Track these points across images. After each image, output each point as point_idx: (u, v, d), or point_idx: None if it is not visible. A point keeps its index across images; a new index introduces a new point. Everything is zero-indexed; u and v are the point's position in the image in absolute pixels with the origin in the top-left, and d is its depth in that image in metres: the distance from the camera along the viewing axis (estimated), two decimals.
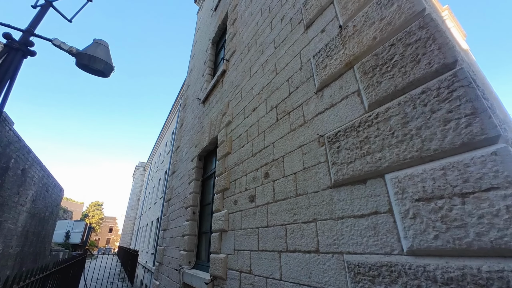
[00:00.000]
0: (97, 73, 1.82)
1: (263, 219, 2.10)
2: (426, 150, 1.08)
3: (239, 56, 3.81)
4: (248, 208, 2.37)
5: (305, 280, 1.53)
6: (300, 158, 1.85)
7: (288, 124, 2.11)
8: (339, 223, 1.40)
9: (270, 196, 2.09)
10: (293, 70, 2.27)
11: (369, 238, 1.22)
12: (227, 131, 3.42)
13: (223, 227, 2.71)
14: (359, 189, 1.34)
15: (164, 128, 20.67)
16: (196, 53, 8.01)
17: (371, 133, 1.34)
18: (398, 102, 1.25)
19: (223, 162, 3.23)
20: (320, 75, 1.85)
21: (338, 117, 1.61)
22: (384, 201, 1.20)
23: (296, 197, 1.79)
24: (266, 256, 1.94)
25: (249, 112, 2.91)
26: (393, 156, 1.20)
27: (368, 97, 1.42)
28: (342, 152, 1.47)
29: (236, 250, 2.40)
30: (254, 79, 3.02)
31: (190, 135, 5.65)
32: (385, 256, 1.13)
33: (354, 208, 1.34)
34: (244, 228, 2.36)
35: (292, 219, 1.76)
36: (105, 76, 1.86)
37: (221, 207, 2.96)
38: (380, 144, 1.27)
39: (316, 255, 1.50)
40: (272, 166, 2.17)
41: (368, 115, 1.39)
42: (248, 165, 2.60)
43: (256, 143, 2.54)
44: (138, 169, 33.52)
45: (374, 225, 1.21)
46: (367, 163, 1.31)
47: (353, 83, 1.58)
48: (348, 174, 1.39)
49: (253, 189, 2.37)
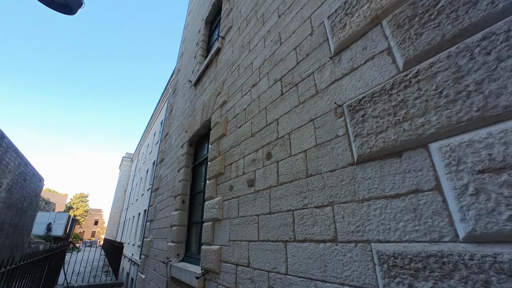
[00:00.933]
0: (61, 9, 1.44)
1: (264, 205, 1.84)
2: (491, 108, 0.83)
3: (236, 31, 3.47)
4: (246, 193, 2.10)
5: (318, 274, 1.28)
6: (312, 134, 1.58)
7: (295, 97, 1.84)
8: (364, 206, 1.15)
9: (273, 179, 1.83)
10: (301, 37, 1.98)
11: (407, 223, 0.98)
12: (222, 111, 3.11)
13: (217, 216, 2.43)
14: (391, 164, 1.09)
15: (152, 118, 19.99)
16: (188, 35, 7.55)
17: (409, 95, 1.08)
18: (448, 54, 1.00)
19: (217, 145, 2.93)
20: (337, 36, 1.58)
21: (362, 82, 1.35)
22: (428, 176, 0.96)
23: (306, 178, 1.53)
24: (268, 247, 1.69)
25: (247, 89, 2.61)
26: (442, 119, 0.95)
27: (403, 54, 1.16)
28: (368, 121, 1.22)
29: (232, 241, 2.14)
30: (254, 53, 2.71)
31: (180, 120, 5.29)
32: (431, 244, 0.89)
33: (386, 187, 1.09)
34: (241, 216, 2.09)
35: (302, 203, 1.51)
36: (71, 13, 1.50)
37: (215, 194, 2.67)
38: (422, 107, 1.02)
39: (333, 244, 1.25)
40: (276, 145, 1.89)
41: (404, 74, 1.13)
42: (246, 146, 2.31)
43: (256, 122, 2.26)
44: (125, 160, 32.55)
45: (415, 206, 0.97)
46: (403, 131, 1.06)
47: (381, 40, 1.31)
48: (378, 146, 1.14)
49: (252, 172, 2.10)
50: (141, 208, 15.34)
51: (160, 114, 17.54)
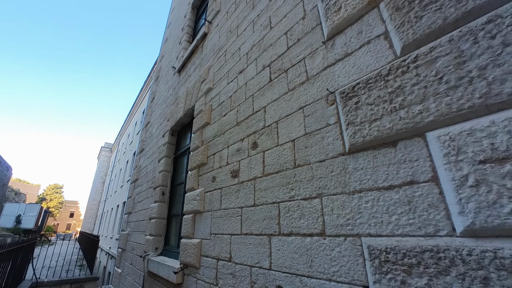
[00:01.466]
0: None
1: (248, 197, 1.74)
2: (495, 95, 0.78)
3: (224, 16, 3.29)
4: (230, 185, 1.99)
5: (304, 269, 1.21)
6: (301, 122, 1.49)
7: (285, 84, 1.73)
8: (355, 198, 1.08)
9: (258, 169, 1.73)
10: (293, 21, 1.87)
11: (401, 216, 0.92)
12: (206, 99, 2.95)
13: (198, 208, 2.31)
14: (386, 153, 1.03)
15: (134, 107, 19.16)
16: (173, 20, 7.18)
17: (406, 81, 1.01)
18: (449, 39, 0.93)
19: (200, 134, 2.78)
20: (331, 20, 1.49)
21: (356, 67, 1.27)
22: (424, 167, 0.90)
23: (294, 169, 1.44)
24: (251, 240, 1.60)
25: (234, 76, 2.47)
26: (442, 107, 0.88)
27: (402, 38, 1.08)
28: (362, 108, 1.14)
29: (213, 235, 2.03)
30: (242, 38, 2.56)
31: (163, 108, 5.03)
32: (426, 238, 0.83)
33: (379, 178, 1.02)
34: (223, 209, 1.99)
35: (288, 195, 1.42)
36: None
37: (196, 185, 2.54)
38: (420, 94, 0.96)
39: (321, 238, 1.18)
40: (263, 134, 1.79)
41: (401, 59, 1.06)
42: (231, 135, 2.19)
43: (242, 110, 2.14)
44: (104, 151, 31.14)
45: (409, 199, 0.91)
46: (400, 119, 0.99)
47: (378, 24, 1.24)
48: (371, 135, 1.07)
49: (237, 162, 1.99)
50: (120, 200, 14.79)
51: (142, 103, 16.83)
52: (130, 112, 20.20)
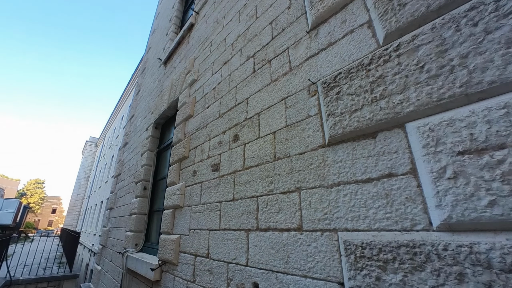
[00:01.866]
0: None
1: (228, 191, 1.68)
2: (476, 84, 0.75)
3: (212, 6, 3.18)
4: (210, 179, 1.92)
5: (280, 266, 1.16)
6: (282, 114, 1.44)
7: (268, 74, 1.67)
8: (333, 192, 1.04)
9: (239, 162, 1.66)
10: (279, 10, 1.80)
11: (378, 210, 0.88)
12: (190, 91, 2.85)
13: (178, 203, 2.22)
14: (365, 145, 0.99)
15: (121, 100, 18.61)
16: (162, 11, 6.96)
17: (388, 70, 0.97)
18: (432, 26, 0.90)
19: (183, 127, 2.69)
20: (315, 8, 1.43)
21: (338, 57, 1.22)
22: (403, 159, 0.86)
23: (273, 162, 1.39)
24: (229, 236, 1.54)
25: (218, 67, 2.38)
26: (422, 96, 0.85)
27: (385, 26, 1.04)
28: (343, 98, 1.10)
29: (192, 230, 1.96)
30: (228, 28, 2.48)
31: (148, 101, 4.86)
32: (403, 233, 0.80)
33: (357, 171, 0.98)
34: (203, 203, 1.92)
35: (267, 189, 1.37)
36: None
37: (177, 180, 2.45)
38: (401, 84, 0.92)
39: (298, 233, 1.13)
40: (244, 126, 1.73)
41: (384, 48, 1.02)
42: (213, 128, 2.11)
43: (225, 101, 2.06)
44: (89, 145, 30.17)
45: (387, 192, 0.87)
46: (380, 109, 0.95)
47: (362, 13, 1.19)
48: (351, 126, 1.02)
49: (218, 156, 1.92)
50: (104, 196, 14.37)
51: (129, 96, 16.36)
52: (117, 105, 19.61)
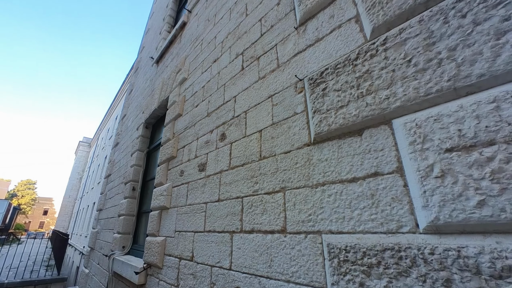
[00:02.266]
0: None
1: (213, 191, 1.61)
2: (464, 78, 0.71)
3: (204, 4, 3.14)
4: (197, 179, 1.86)
5: (263, 270, 1.10)
6: (269, 111, 1.39)
7: (256, 72, 1.62)
8: (318, 192, 0.99)
9: (225, 162, 1.61)
10: (268, 7, 1.76)
11: (363, 211, 0.83)
12: (180, 90, 2.78)
13: (164, 204, 2.15)
14: (351, 143, 0.94)
15: (115, 100, 18.40)
16: (156, 10, 6.89)
17: (375, 65, 0.93)
18: (420, 19, 0.86)
19: (172, 126, 2.62)
20: (304, 4, 1.39)
21: (326, 53, 1.18)
22: (389, 157, 0.82)
23: (259, 161, 1.33)
24: (213, 238, 1.48)
25: (208, 65, 2.33)
26: (409, 91, 0.81)
27: (372, 20, 1.00)
28: (329, 95, 1.05)
29: (177, 232, 1.89)
30: (219, 26, 2.43)
31: (139, 100, 4.78)
32: (388, 236, 0.75)
33: (342, 169, 0.93)
34: (189, 204, 1.85)
35: (252, 189, 1.31)
36: None
37: (165, 180, 2.38)
38: (388, 78, 0.88)
39: (282, 236, 1.08)
40: (231, 124, 1.67)
41: (371, 42, 0.98)
42: (201, 127, 2.05)
43: (214, 100, 2.01)
44: (82, 145, 29.74)
45: (372, 192, 0.83)
46: (366, 105, 0.91)
47: (350, 7, 1.15)
48: (337, 123, 0.98)
49: (205, 155, 1.86)
50: (96, 197, 14.12)
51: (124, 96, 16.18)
52: (111, 105, 19.39)
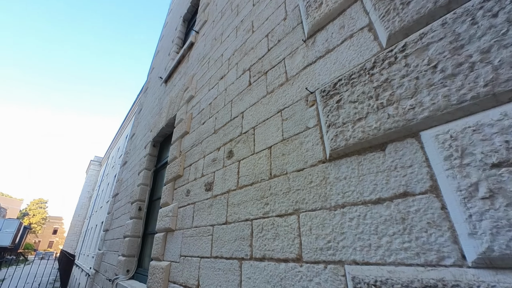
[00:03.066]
0: None
1: (221, 213, 1.51)
2: (505, 81, 0.62)
3: (211, 24, 3.22)
4: (203, 199, 1.76)
5: None
6: (279, 127, 1.31)
7: (264, 87, 1.58)
8: (337, 215, 0.88)
9: (232, 181, 1.52)
10: (274, 23, 1.75)
11: (393, 238, 0.71)
12: (188, 108, 2.77)
13: (170, 226, 2.05)
14: (372, 159, 0.84)
15: (126, 120, 18.91)
16: (166, 33, 7.20)
17: (394, 73, 0.85)
18: (442, 22, 0.79)
19: (179, 144, 2.58)
20: (312, 17, 1.36)
21: (338, 64, 1.12)
22: (420, 174, 0.71)
23: (269, 180, 1.24)
24: (221, 265, 1.35)
25: (215, 82, 2.32)
26: (438, 100, 0.72)
27: (387, 27, 0.94)
28: (344, 107, 0.97)
29: (183, 257, 1.77)
30: (225, 44, 2.45)
31: (148, 119, 4.83)
32: (427, 269, 0.63)
33: (365, 189, 0.83)
34: (195, 227, 1.74)
35: (262, 211, 1.21)
36: None
37: (170, 200, 2.29)
38: (412, 87, 0.79)
39: (297, 265, 0.95)
40: (239, 141, 1.60)
41: (388, 50, 0.91)
42: (208, 144, 1.99)
43: (221, 116, 1.96)
44: (93, 164, 30.29)
45: (403, 215, 0.71)
46: (388, 117, 0.82)
47: (361, 17, 1.10)
48: (355, 137, 0.89)
49: (211, 174, 1.77)
50: (104, 216, 14.07)
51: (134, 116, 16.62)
52: (122, 125, 19.90)
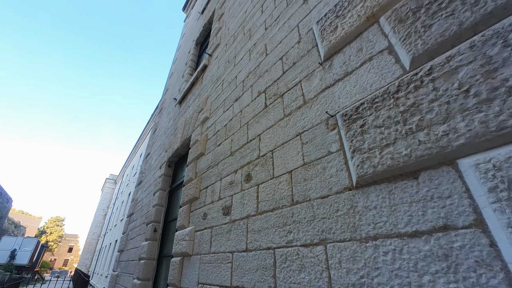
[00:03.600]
0: None
1: (240, 239, 1.47)
2: None
3: (223, 48, 3.34)
4: (221, 223, 1.73)
5: None
6: (298, 150, 1.29)
7: (280, 109, 1.58)
8: (369, 248, 0.83)
9: (252, 206, 1.49)
10: (288, 46, 1.79)
11: (437, 277, 0.66)
12: (203, 129, 2.82)
13: (187, 250, 2.01)
14: (404, 188, 0.80)
15: (140, 139, 19.46)
16: (179, 57, 7.53)
17: (422, 97, 0.83)
18: (470, 45, 0.77)
19: (194, 165, 2.59)
20: (327, 40, 1.38)
21: (358, 87, 1.11)
22: (461, 206, 0.66)
23: (291, 206, 1.20)
24: None
25: (230, 104, 2.36)
26: (475, 126, 0.68)
27: (410, 49, 0.93)
28: (369, 132, 0.94)
29: (201, 285, 1.71)
30: (239, 67, 2.51)
31: (163, 139, 4.94)
32: None
33: (398, 220, 0.78)
34: (213, 253, 1.70)
35: (285, 239, 1.16)
36: None
37: (187, 223, 2.27)
38: (443, 112, 0.76)
39: None
40: (257, 165, 1.59)
41: (412, 73, 0.89)
42: (224, 166, 1.99)
43: (237, 139, 1.96)
44: (108, 182, 31.00)
45: (445, 251, 0.66)
46: (419, 143, 0.78)
47: (380, 39, 1.10)
48: (384, 164, 0.85)
49: (229, 197, 1.75)
50: (118, 235, 14.15)
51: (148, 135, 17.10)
52: (137, 143, 20.47)
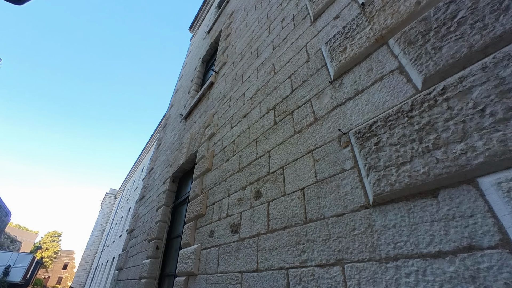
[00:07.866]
0: None
1: (250, 258, 1.43)
2: None
3: (230, 66, 3.44)
4: (229, 242, 1.70)
5: None
6: (310, 168, 1.30)
7: (290, 126, 1.60)
8: (390, 269, 0.81)
9: (262, 224, 1.46)
10: (297, 65, 1.85)
11: None
12: (209, 144, 2.84)
13: (192, 269, 1.95)
14: (424, 206, 0.79)
15: (142, 153, 19.50)
16: (185, 73, 7.73)
17: (437, 116, 0.85)
18: (482, 66, 0.80)
19: (200, 181, 2.58)
20: (337, 60, 1.42)
21: (370, 105, 1.13)
22: (485, 225, 0.66)
23: (304, 225, 1.18)
24: None
25: (237, 120, 2.39)
26: (493, 145, 0.69)
27: (421, 70, 0.96)
28: (384, 150, 0.95)
29: None
30: (247, 84, 2.58)
31: (167, 154, 4.96)
32: None
33: (420, 240, 0.77)
34: (220, 272, 1.65)
35: (299, 259, 1.13)
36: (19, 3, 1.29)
37: (192, 241, 2.22)
38: (459, 130, 0.77)
39: None
40: (267, 181, 1.58)
41: (425, 92, 0.91)
42: (232, 182, 1.98)
43: (245, 155, 1.97)
44: (108, 197, 30.67)
45: (472, 273, 0.64)
46: (437, 161, 0.79)
47: (390, 60, 1.14)
48: (402, 182, 0.85)
49: (238, 214, 1.73)
50: (116, 252, 13.78)
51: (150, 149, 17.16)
52: (139, 158, 20.49)
